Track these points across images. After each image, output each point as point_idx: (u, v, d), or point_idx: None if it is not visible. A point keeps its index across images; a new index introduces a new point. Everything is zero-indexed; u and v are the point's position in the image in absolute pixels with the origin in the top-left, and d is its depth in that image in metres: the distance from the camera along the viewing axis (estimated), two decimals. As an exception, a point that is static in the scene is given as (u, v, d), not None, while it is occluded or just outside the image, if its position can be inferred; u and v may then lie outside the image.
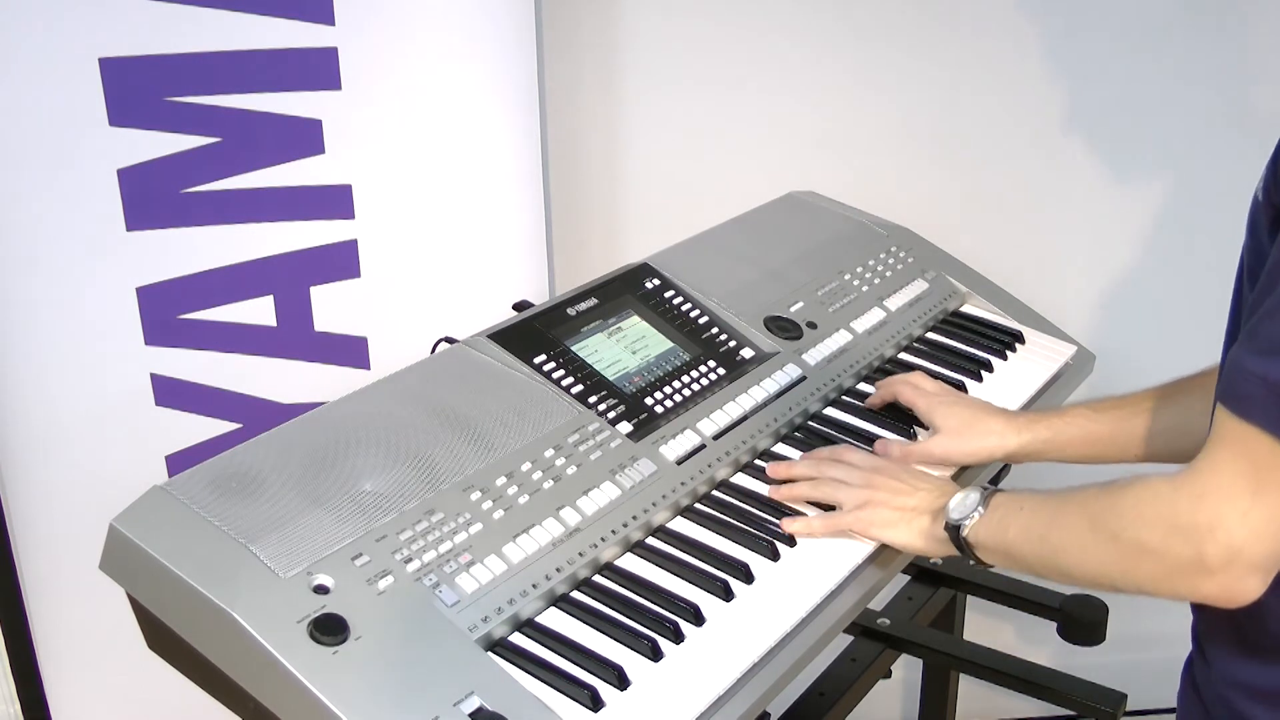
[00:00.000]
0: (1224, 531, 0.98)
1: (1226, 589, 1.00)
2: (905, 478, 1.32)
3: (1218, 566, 0.99)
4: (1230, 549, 0.98)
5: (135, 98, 1.67)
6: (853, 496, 1.31)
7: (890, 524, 1.29)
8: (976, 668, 1.78)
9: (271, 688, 1.05)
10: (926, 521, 1.27)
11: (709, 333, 1.55)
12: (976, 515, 1.21)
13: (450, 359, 1.43)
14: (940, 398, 1.48)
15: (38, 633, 1.89)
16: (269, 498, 1.17)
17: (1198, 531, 0.99)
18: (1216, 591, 1.01)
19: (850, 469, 1.34)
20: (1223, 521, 0.98)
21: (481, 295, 1.86)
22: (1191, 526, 1.00)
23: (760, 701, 1.15)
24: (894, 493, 1.30)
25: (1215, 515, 0.98)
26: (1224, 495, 0.98)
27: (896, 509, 1.29)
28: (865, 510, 1.30)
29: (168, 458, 1.83)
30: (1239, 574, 0.99)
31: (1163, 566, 1.03)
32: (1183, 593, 1.04)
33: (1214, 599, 1.02)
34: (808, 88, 2.18)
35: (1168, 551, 1.02)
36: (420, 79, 1.83)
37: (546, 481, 1.28)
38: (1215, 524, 0.98)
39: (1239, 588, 1.00)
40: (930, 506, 1.28)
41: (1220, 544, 0.98)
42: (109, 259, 1.72)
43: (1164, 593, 1.05)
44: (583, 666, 1.12)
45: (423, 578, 1.14)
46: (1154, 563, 1.04)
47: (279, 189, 1.80)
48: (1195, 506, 1.00)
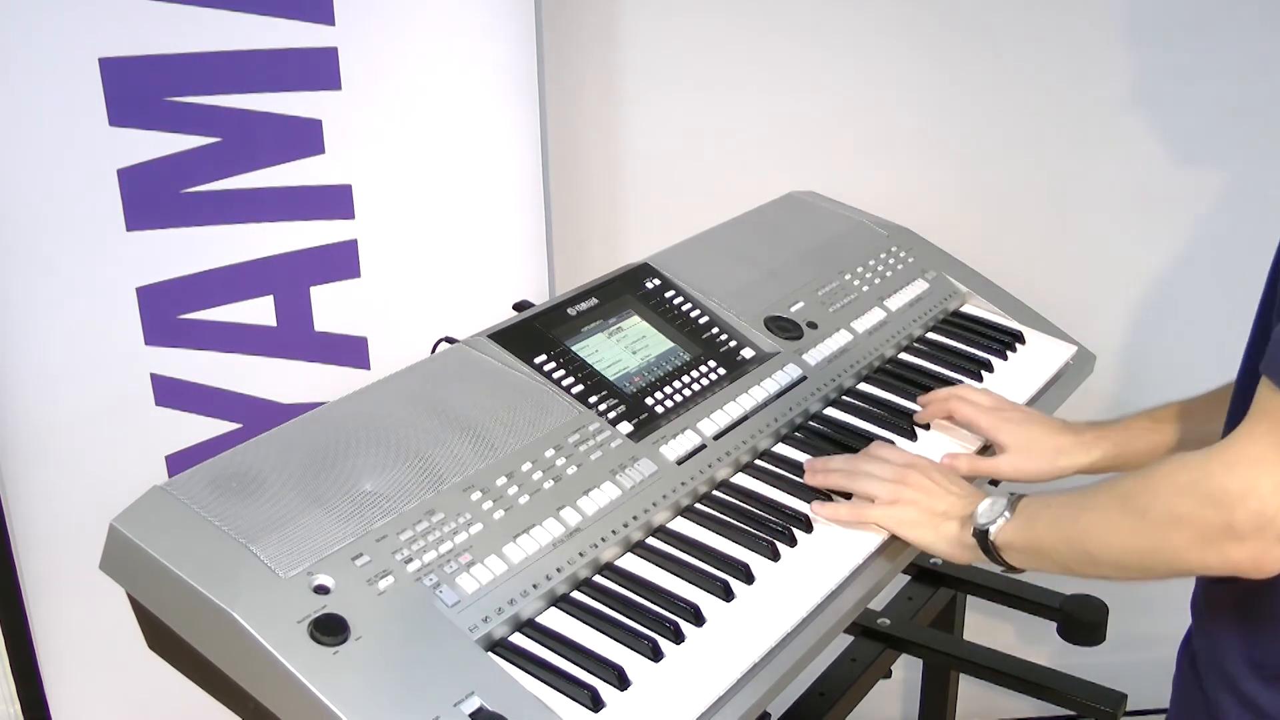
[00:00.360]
0: (1256, 498, 0.97)
1: (1256, 557, 0.99)
2: (938, 478, 1.32)
3: (1248, 533, 0.98)
4: (1261, 515, 0.97)
5: (135, 98, 1.67)
6: (885, 491, 1.31)
7: (918, 525, 1.29)
8: (976, 668, 1.78)
9: (271, 688, 1.05)
10: (954, 528, 1.27)
11: (709, 333, 1.55)
12: (1004, 519, 1.21)
13: (450, 359, 1.43)
14: (1002, 414, 1.47)
15: (38, 633, 1.89)
16: (269, 498, 1.17)
17: (1229, 497, 0.99)
18: (1246, 559, 1.00)
19: (884, 464, 1.34)
20: (1255, 488, 0.97)
21: (481, 295, 1.86)
22: (1223, 492, 0.99)
23: (760, 701, 1.15)
24: (925, 493, 1.30)
25: (1247, 482, 0.98)
26: (1258, 463, 0.98)
27: (925, 510, 1.29)
28: (895, 507, 1.30)
29: (168, 458, 1.83)
30: (1269, 541, 0.98)
31: (1193, 535, 1.02)
32: (1212, 562, 1.02)
33: (1244, 568, 1.01)
34: (808, 88, 2.18)
35: (1197, 519, 1.01)
36: (420, 79, 1.83)
37: (547, 481, 1.28)
38: (1247, 490, 0.98)
39: (1270, 555, 0.99)
40: (959, 513, 1.27)
41: (1251, 510, 0.97)
42: (109, 259, 1.72)
43: (1193, 563, 1.04)
44: (583, 667, 1.12)
45: (423, 578, 1.14)
46: (1184, 531, 1.03)
47: (279, 189, 1.80)
48: (1227, 473, 0.99)
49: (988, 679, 1.79)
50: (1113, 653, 1.91)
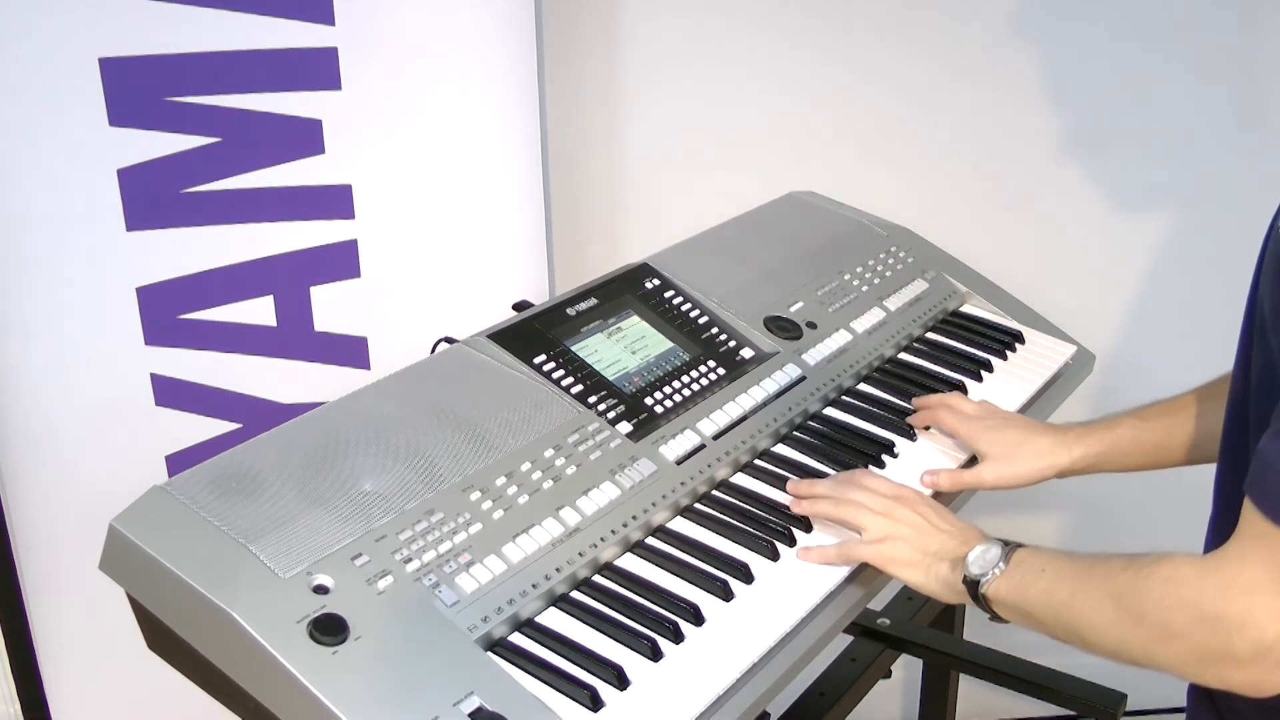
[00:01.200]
0: (1254, 628, 0.95)
1: (1256, 682, 0.98)
2: (927, 513, 1.28)
3: (1247, 660, 0.96)
4: (1260, 644, 0.95)
5: (135, 98, 1.67)
6: (874, 525, 1.27)
7: (909, 564, 1.25)
8: (976, 668, 1.78)
9: (271, 688, 1.05)
10: (945, 569, 1.23)
11: (709, 333, 1.55)
12: (996, 571, 1.18)
13: (450, 359, 1.43)
14: (982, 422, 1.45)
15: (38, 633, 1.89)
16: (269, 498, 1.17)
17: (1226, 623, 0.97)
18: (1245, 682, 0.98)
19: (872, 495, 1.30)
20: (1252, 617, 0.95)
21: (481, 295, 1.86)
22: (1219, 617, 0.97)
23: (760, 701, 1.15)
24: (916, 529, 1.26)
25: (1244, 610, 0.96)
26: (1253, 591, 0.96)
27: (917, 549, 1.25)
28: (885, 544, 1.26)
29: (168, 458, 1.83)
30: (1269, 668, 0.96)
31: (1189, 652, 1.00)
32: (1209, 680, 1.01)
33: (1241, 688, 0.99)
34: (808, 88, 2.18)
35: (1194, 638, 0.99)
36: (420, 79, 1.83)
37: (546, 481, 1.28)
38: (1245, 619, 0.96)
39: (1270, 680, 0.97)
40: (951, 553, 1.23)
41: (1250, 639, 0.96)
42: (109, 259, 1.72)
43: (1189, 677, 1.03)
44: (583, 666, 1.12)
45: (422, 578, 1.14)
46: (1180, 647, 1.01)
47: (279, 189, 1.80)
48: (1223, 597, 0.97)
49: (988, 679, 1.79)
50: (1113, 653, 1.91)
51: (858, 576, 1.29)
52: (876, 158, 2.21)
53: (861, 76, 2.18)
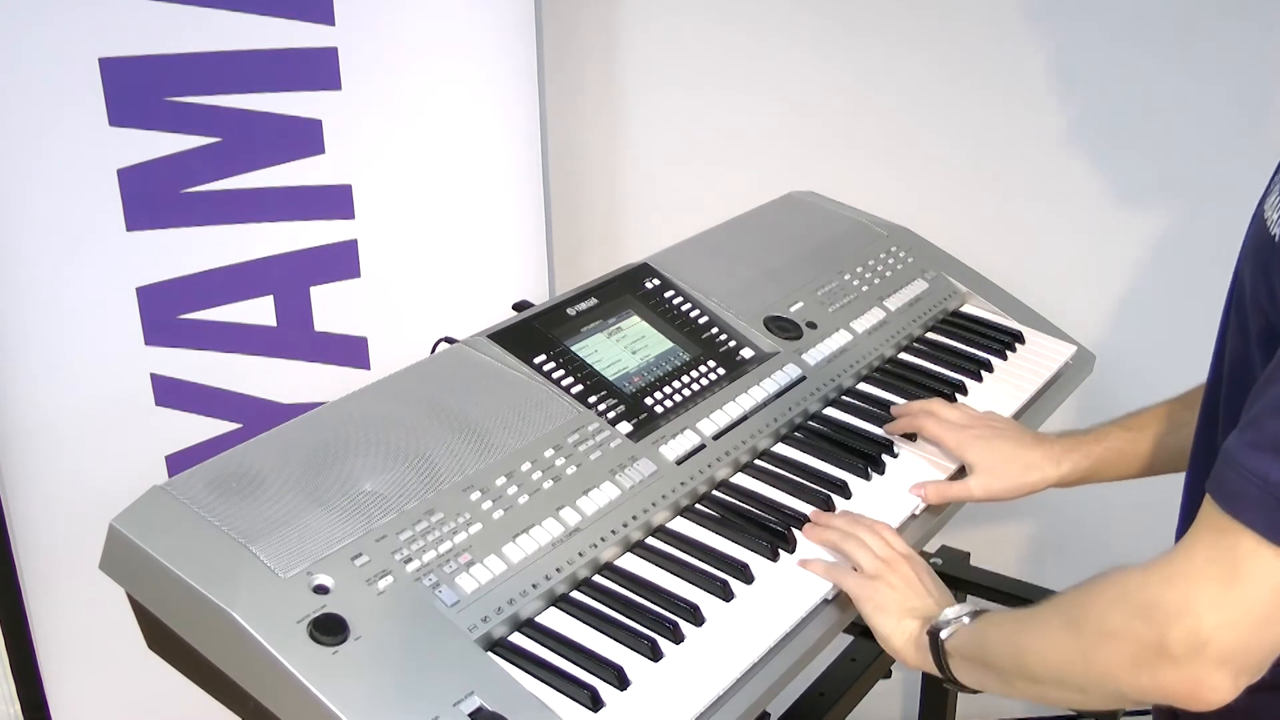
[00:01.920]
0: (1191, 616, 0.91)
1: (1191, 683, 0.93)
2: (924, 577, 1.27)
3: (1182, 654, 0.92)
4: (1196, 636, 0.91)
5: (135, 98, 1.67)
6: (870, 565, 1.26)
7: (882, 610, 1.24)
8: (976, 668, 1.78)
9: (271, 688, 1.05)
10: (914, 627, 1.21)
11: (709, 333, 1.55)
12: (961, 624, 1.17)
13: (450, 359, 1.43)
14: (971, 432, 1.43)
15: (38, 633, 1.89)
16: (269, 498, 1.17)
17: (1162, 612, 0.93)
18: (1181, 685, 0.93)
19: (881, 542, 1.29)
20: (1190, 606, 0.91)
21: (481, 295, 1.86)
22: (1155, 606, 0.94)
23: (760, 701, 1.15)
24: (906, 583, 1.25)
25: (1183, 599, 0.92)
26: (1196, 580, 0.92)
27: (897, 601, 1.24)
28: (871, 584, 1.25)
29: (168, 458, 1.83)
30: (1205, 666, 0.91)
31: (1124, 652, 0.96)
32: (1144, 683, 0.96)
33: (1179, 695, 0.94)
34: (808, 88, 2.18)
35: (1128, 633, 0.95)
36: (420, 79, 1.83)
37: (546, 481, 1.28)
38: (1182, 608, 0.92)
39: (1206, 683, 0.92)
40: (926, 614, 1.22)
41: (1186, 629, 0.91)
42: (109, 259, 1.72)
43: (1125, 685, 0.98)
44: (583, 666, 1.12)
45: (422, 578, 1.14)
46: (1114, 647, 0.97)
47: (279, 189, 1.80)
48: (1164, 586, 0.94)
49: (988, 679, 1.79)
50: (1112, 653, 1.91)
51: (858, 576, 1.29)
52: (876, 158, 2.21)
53: (861, 76, 2.18)
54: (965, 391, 1.60)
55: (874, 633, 1.25)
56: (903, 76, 2.18)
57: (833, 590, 1.26)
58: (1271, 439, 0.91)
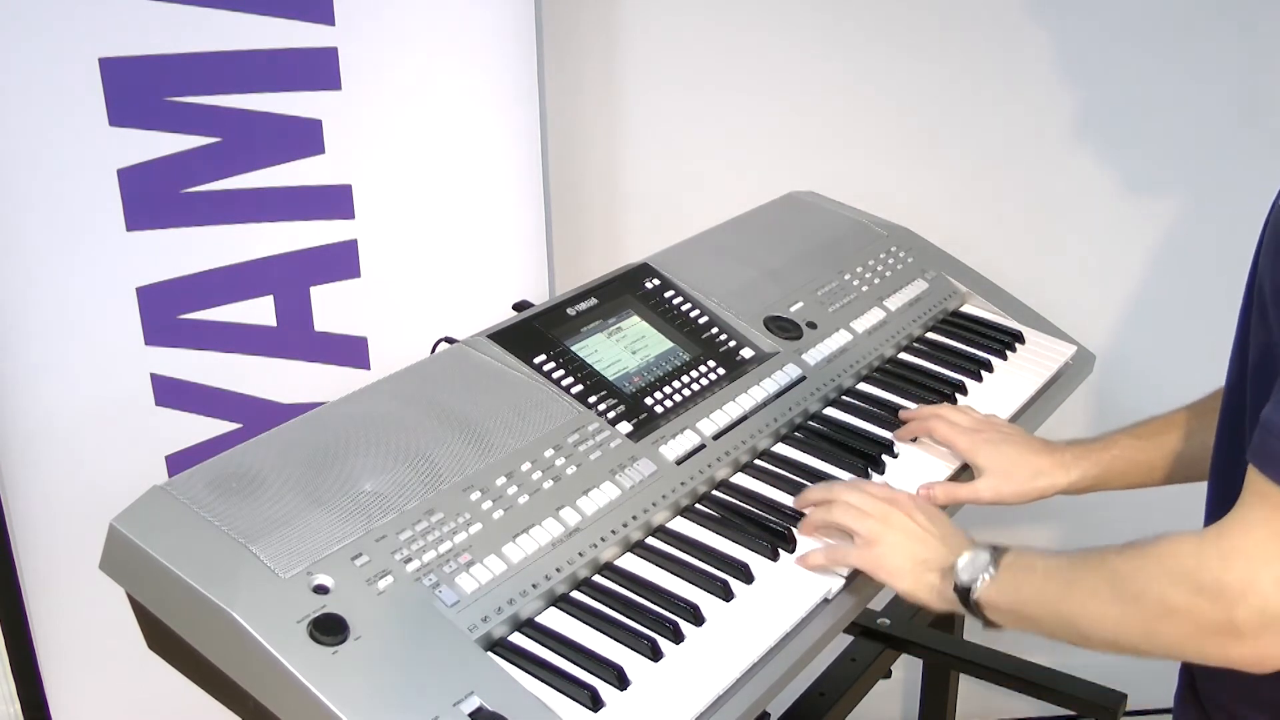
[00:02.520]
0: (1257, 595, 0.92)
1: (1258, 654, 0.95)
2: (920, 519, 1.27)
3: (1249, 631, 0.93)
4: (1264, 613, 0.92)
5: (135, 98, 1.67)
6: (865, 529, 1.26)
7: (899, 573, 1.24)
8: (976, 668, 1.78)
9: (271, 688, 1.05)
10: (935, 579, 1.22)
11: (709, 333, 1.55)
12: (986, 577, 1.17)
13: (450, 359, 1.43)
14: (982, 435, 1.43)
15: (38, 633, 1.89)
16: (269, 498, 1.17)
17: (1228, 593, 0.94)
18: (1247, 656, 0.95)
19: (866, 497, 1.29)
20: (1256, 585, 0.93)
21: (481, 295, 1.86)
22: (1220, 587, 0.94)
23: (760, 701, 1.15)
24: (906, 535, 1.25)
25: (1247, 578, 0.93)
26: (1256, 557, 0.93)
27: (907, 556, 1.24)
28: (874, 550, 1.25)
29: (168, 458, 1.83)
30: (1272, 639, 0.93)
31: (1189, 628, 0.97)
32: (1211, 655, 0.98)
33: (1243, 664, 0.96)
34: (808, 88, 2.18)
35: (1194, 612, 0.96)
36: (420, 79, 1.83)
37: (546, 481, 1.28)
38: (1247, 587, 0.93)
39: (1272, 653, 0.94)
40: (941, 561, 1.22)
41: (1253, 608, 0.93)
42: (109, 259, 1.72)
43: (1190, 655, 1.01)
44: (583, 666, 1.12)
45: (422, 578, 1.14)
46: (1179, 624, 0.98)
47: (279, 189, 1.80)
48: (1224, 566, 0.94)
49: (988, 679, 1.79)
50: (1113, 653, 1.91)
51: (858, 577, 1.29)
52: (876, 158, 2.21)
53: (862, 76, 2.18)
54: (965, 391, 1.60)
55: (897, 592, 1.26)
56: (903, 77, 2.18)
57: (833, 591, 1.26)
58: None
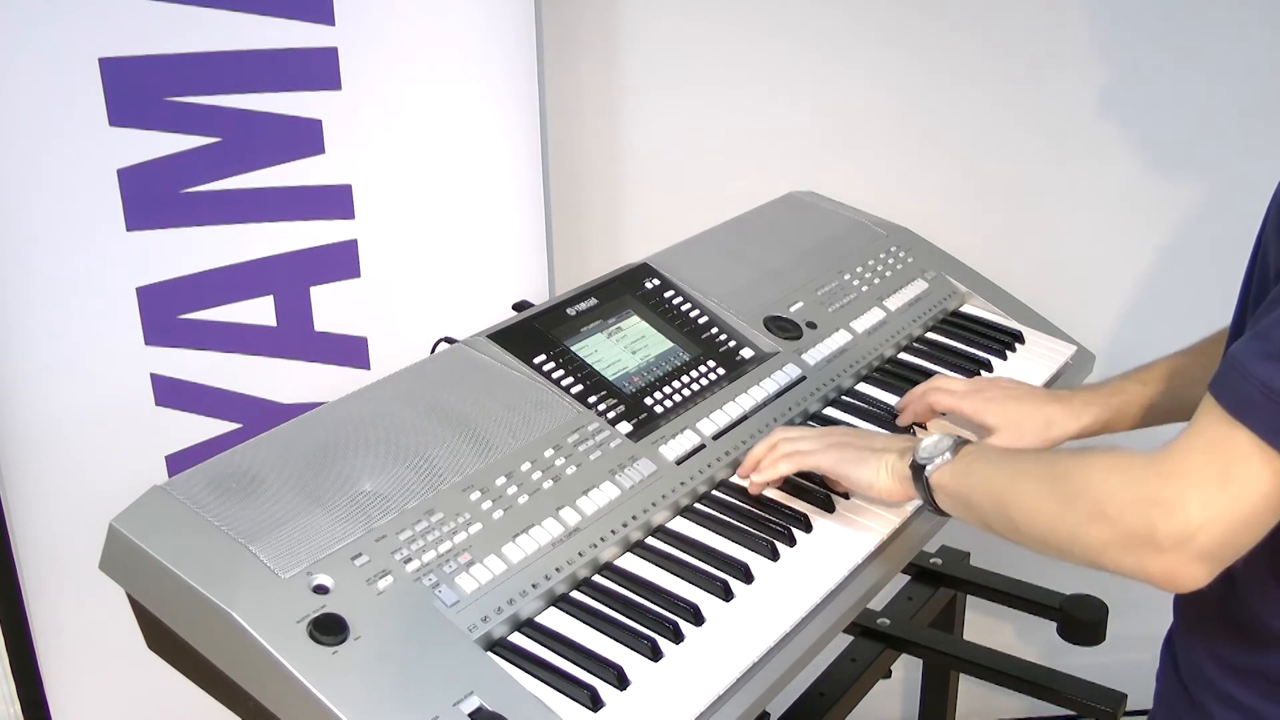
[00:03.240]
0: (1182, 513, 0.97)
1: (1170, 571, 0.99)
2: (860, 432, 1.34)
3: (1167, 545, 0.98)
4: (1184, 530, 0.97)
5: (135, 98, 1.67)
6: (814, 444, 1.32)
7: (858, 462, 1.30)
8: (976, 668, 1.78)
9: (271, 688, 1.05)
10: (894, 458, 1.27)
11: (709, 333, 1.55)
12: (943, 459, 1.22)
13: (450, 359, 1.43)
14: (982, 394, 1.45)
15: (38, 633, 1.89)
16: (269, 498, 1.17)
17: (1157, 506, 0.98)
18: (1159, 571, 0.99)
19: (799, 430, 1.36)
20: (1184, 502, 0.97)
21: (481, 295, 1.86)
22: (1152, 500, 0.98)
23: (760, 701, 1.15)
24: (859, 437, 1.33)
25: (1178, 494, 0.97)
26: (1192, 478, 0.97)
27: (863, 449, 1.30)
28: (832, 450, 1.31)
29: (168, 458, 1.83)
30: (1186, 558, 0.97)
31: (1113, 534, 1.01)
32: (1126, 565, 1.02)
33: (1155, 578, 1.01)
34: (808, 88, 2.18)
35: (1122, 519, 1.00)
36: (420, 79, 1.83)
37: (546, 481, 1.28)
38: (1175, 503, 0.97)
39: (1184, 572, 0.99)
40: (899, 446, 1.28)
41: (1176, 523, 0.97)
42: (109, 259, 1.72)
43: (1107, 562, 1.03)
44: (582, 666, 1.12)
45: (422, 578, 1.14)
46: (1105, 528, 1.02)
47: (279, 189, 1.80)
48: (1161, 483, 0.98)
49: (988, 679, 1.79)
50: (1112, 653, 1.91)
51: (858, 576, 1.29)
52: (876, 158, 2.21)
53: (862, 76, 2.18)
54: (965, 391, 1.60)
55: (858, 487, 1.30)
56: (903, 76, 2.18)
57: (833, 590, 1.26)
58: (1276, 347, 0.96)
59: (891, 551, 1.33)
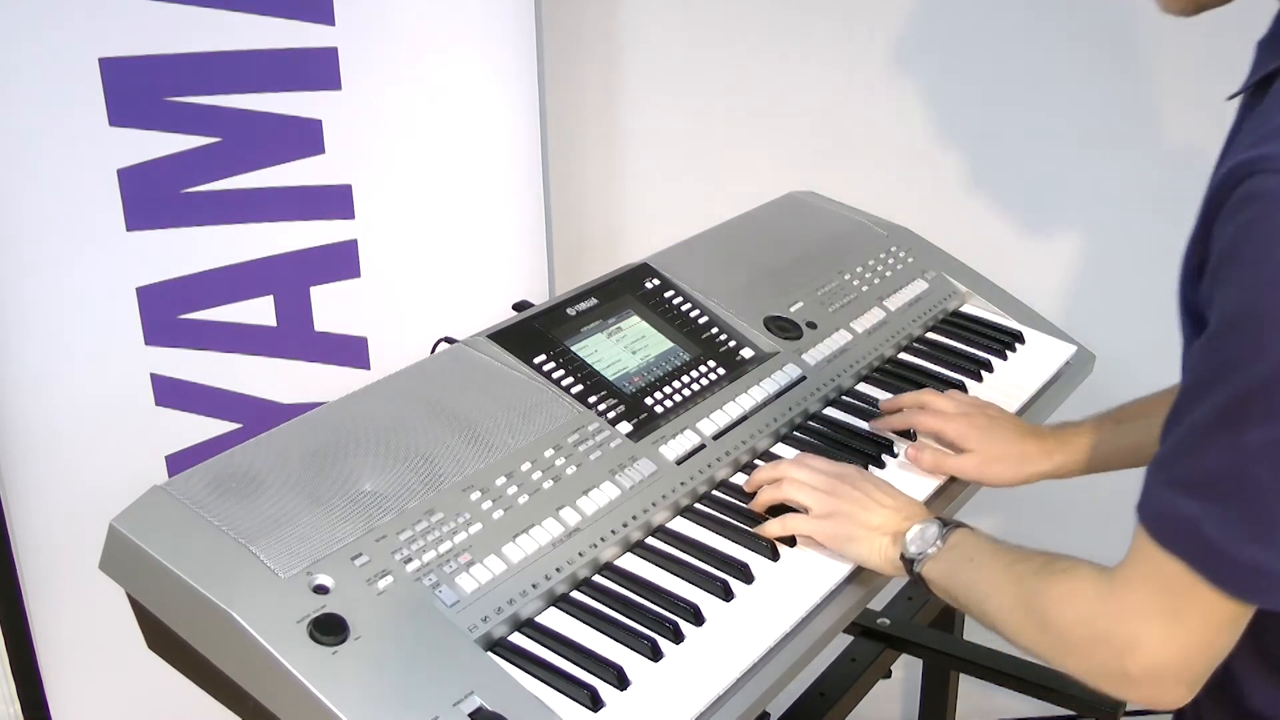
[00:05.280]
0: (1144, 652, 0.97)
1: (1152, 698, 1.00)
2: (869, 489, 1.29)
3: (1142, 680, 0.98)
4: (1154, 668, 0.97)
5: (135, 98, 1.67)
6: (817, 502, 1.28)
7: (852, 540, 1.26)
8: (976, 668, 1.78)
9: (271, 688, 1.05)
10: (887, 543, 1.25)
11: (709, 333, 1.55)
12: (931, 551, 1.20)
13: (450, 359, 1.43)
14: (968, 419, 1.44)
15: (38, 633, 1.89)
16: (269, 498, 1.17)
17: (1118, 644, 0.98)
18: (1142, 699, 1.00)
19: (814, 473, 1.31)
20: (1142, 644, 0.97)
21: (481, 295, 1.86)
22: (1112, 637, 0.99)
23: (760, 701, 1.15)
24: (858, 505, 1.27)
25: (1134, 634, 0.97)
26: (1142, 617, 0.97)
27: (860, 525, 1.26)
28: (829, 521, 1.27)
29: (168, 458, 1.83)
30: (1165, 687, 0.98)
31: (1089, 667, 1.03)
32: (1108, 689, 1.03)
33: (1140, 702, 1.01)
34: (808, 88, 2.18)
35: (1091, 655, 1.02)
36: (420, 79, 1.83)
37: (546, 481, 1.28)
38: (1134, 643, 0.97)
39: (1167, 697, 0.99)
40: (893, 528, 1.25)
41: (1142, 663, 0.97)
42: (109, 259, 1.72)
43: (1089, 683, 1.04)
44: (582, 666, 1.12)
45: (422, 578, 1.14)
46: (1080, 661, 1.03)
47: (279, 189, 1.80)
48: (1116, 621, 0.99)
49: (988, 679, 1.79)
50: (1112, 653, 1.91)
51: (858, 576, 1.29)
52: (876, 158, 2.21)
53: (862, 76, 2.18)
54: (965, 391, 1.60)
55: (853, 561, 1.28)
56: (903, 77, 2.18)
57: (833, 590, 1.26)
58: (1184, 478, 0.94)
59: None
